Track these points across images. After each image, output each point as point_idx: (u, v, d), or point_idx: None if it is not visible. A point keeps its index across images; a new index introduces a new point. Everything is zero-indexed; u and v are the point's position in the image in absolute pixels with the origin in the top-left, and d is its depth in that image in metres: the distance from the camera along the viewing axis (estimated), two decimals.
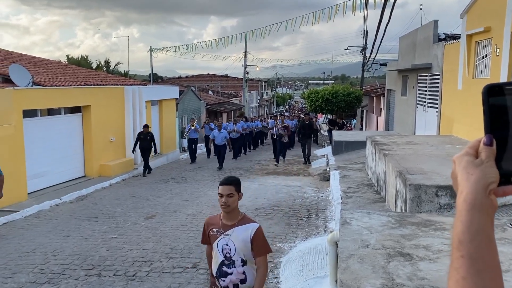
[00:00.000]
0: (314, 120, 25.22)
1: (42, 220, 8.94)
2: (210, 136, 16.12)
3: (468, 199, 0.67)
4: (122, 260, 6.43)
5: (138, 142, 14.05)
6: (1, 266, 6.34)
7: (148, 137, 13.98)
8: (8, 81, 11.82)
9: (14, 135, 10.36)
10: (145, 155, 14.12)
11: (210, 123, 19.27)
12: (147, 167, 14.33)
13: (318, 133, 26.49)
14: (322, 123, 35.45)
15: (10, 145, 10.23)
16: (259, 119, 27.02)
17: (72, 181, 12.67)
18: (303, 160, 15.67)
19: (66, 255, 6.69)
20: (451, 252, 0.67)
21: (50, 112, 12.40)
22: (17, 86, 11.16)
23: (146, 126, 14.22)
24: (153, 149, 14.21)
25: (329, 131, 22.45)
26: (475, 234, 0.65)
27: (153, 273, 5.92)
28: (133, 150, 14.24)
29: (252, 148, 21.99)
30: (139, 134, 14.14)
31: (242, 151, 19.73)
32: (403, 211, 5.68)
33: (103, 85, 15.54)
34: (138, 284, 5.59)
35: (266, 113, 51.04)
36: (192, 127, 17.67)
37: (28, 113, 11.13)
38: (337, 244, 4.28)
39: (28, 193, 10.82)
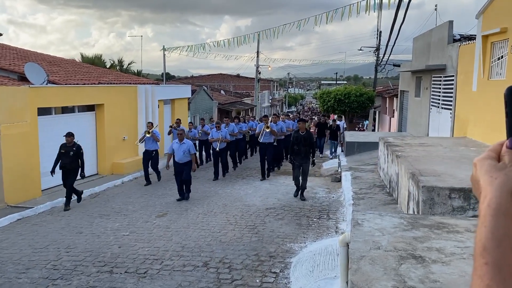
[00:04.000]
0: (313, 128, 19.55)
1: (56, 217, 9.06)
2: (168, 150, 11.01)
3: (492, 204, 0.64)
4: (134, 257, 6.48)
5: (59, 160, 9.61)
6: (15, 262, 6.44)
7: (72, 152, 9.51)
8: (23, 79, 11.99)
9: (29, 132, 10.51)
10: (68, 177, 9.58)
11: (180, 126, 13.72)
12: (70, 195, 9.72)
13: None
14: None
15: (25, 143, 10.38)
16: (255, 119, 21.62)
17: (85, 178, 12.79)
18: (295, 191, 10.08)
19: (78, 252, 6.77)
20: (474, 258, 0.64)
21: (64, 110, 12.54)
22: (33, 84, 11.32)
23: (69, 135, 9.60)
24: (80, 170, 9.78)
25: (319, 138, 17.99)
26: (500, 240, 0.62)
27: (164, 271, 5.96)
28: (52, 171, 9.57)
29: (246, 156, 17.00)
30: (61, 147, 9.68)
31: (232, 162, 14.42)
32: (416, 213, 5.62)
33: (117, 84, 15.67)
34: (149, 282, 5.62)
35: (276, 113, 50.94)
36: (148, 135, 12.16)
37: (43, 111, 11.28)
38: (348, 245, 4.26)
39: (42, 190, 10.98)
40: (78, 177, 9.85)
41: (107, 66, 30.74)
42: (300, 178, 9.88)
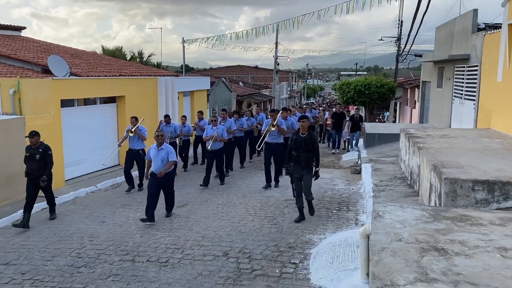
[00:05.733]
0: (325, 119, 18.75)
1: (79, 207, 9.26)
2: (145, 156, 8.78)
3: None
4: (155, 246, 6.59)
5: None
6: (41, 249, 6.63)
7: (38, 155, 7.82)
8: (47, 71, 12.24)
9: (52, 124, 10.73)
10: (35, 185, 7.87)
11: (171, 123, 12.51)
12: (53, 201, 8.32)
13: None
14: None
15: (48, 134, 10.56)
16: (265, 112, 18.77)
17: (107, 169, 13.02)
18: (298, 215, 7.72)
19: (101, 241, 6.92)
20: None
21: (86, 102, 12.75)
22: (56, 76, 11.53)
23: (32, 135, 7.87)
24: (45, 172, 7.85)
25: (335, 130, 16.60)
26: None
27: (184, 260, 6.05)
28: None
29: (258, 153, 14.85)
30: (25, 150, 8.04)
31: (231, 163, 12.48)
32: (438, 205, 5.55)
33: (137, 76, 15.83)
34: (170, 271, 5.72)
35: (296, 106, 50.63)
36: (130, 134, 10.40)
37: (66, 103, 11.49)
38: (369, 237, 4.24)
39: (66, 180, 11.22)
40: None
41: (128, 58, 31.06)
42: (301, 193, 7.64)
